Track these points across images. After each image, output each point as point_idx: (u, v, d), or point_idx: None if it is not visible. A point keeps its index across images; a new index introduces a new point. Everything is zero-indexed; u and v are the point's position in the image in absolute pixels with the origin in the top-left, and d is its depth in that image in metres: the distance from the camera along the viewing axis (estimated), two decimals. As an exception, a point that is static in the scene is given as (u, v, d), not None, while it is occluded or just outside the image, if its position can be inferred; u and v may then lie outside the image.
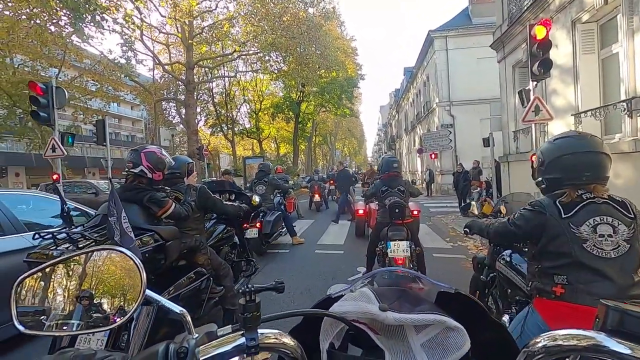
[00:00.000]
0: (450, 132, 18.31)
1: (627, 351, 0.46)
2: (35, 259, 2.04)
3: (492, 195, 9.91)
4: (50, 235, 2.11)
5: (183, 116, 19.81)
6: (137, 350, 1.97)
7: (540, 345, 0.52)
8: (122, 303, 0.60)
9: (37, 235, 2.15)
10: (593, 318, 1.17)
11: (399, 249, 3.71)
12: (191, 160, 3.41)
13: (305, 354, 0.58)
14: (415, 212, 4.61)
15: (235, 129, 27.81)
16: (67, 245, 2.07)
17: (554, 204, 1.54)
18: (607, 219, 1.45)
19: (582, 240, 1.45)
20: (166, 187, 2.78)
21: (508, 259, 2.32)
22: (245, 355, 0.52)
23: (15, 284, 0.62)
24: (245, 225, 4.58)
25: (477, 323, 0.64)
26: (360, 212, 7.18)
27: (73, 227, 2.45)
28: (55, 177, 6.45)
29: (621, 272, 1.42)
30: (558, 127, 6.74)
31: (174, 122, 25.50)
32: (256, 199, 4.16)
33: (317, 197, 12.69)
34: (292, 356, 0.56)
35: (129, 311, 0.58)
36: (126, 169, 2.60)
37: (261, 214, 5.91)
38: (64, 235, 2.12)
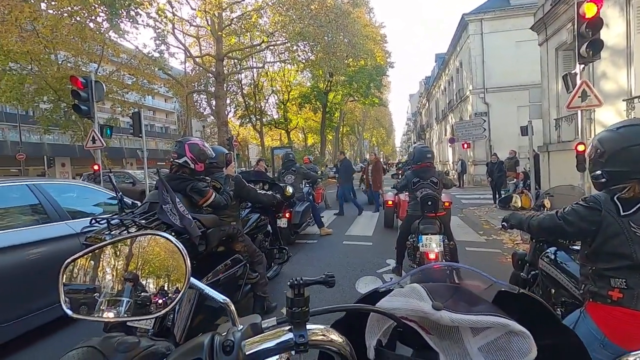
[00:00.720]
0: (485, 121, 17.51)
1: None
2: (92, 242, 2.21)
3: (529, 187, 9.41)
4: (105, 221, 2.29)
5: (213, 107, 20.25)
6: (180, 331, 2.16)
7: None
8: (166, 290, 0.59)
9: (93, 221, 2.35)
10: None
11: (431, 243, 3.54)
12: (228, 151, 3.55)
13: None
14: (447, 204, 4.45)
15: (264, 119, 28.11)
16: (120, 230, 2.23)
17: (611, 200, 1.39)
18: None
19: None
20: (207, 177, 2.90)
21: (553, 257, 2.17)
22: (293, 353, 0.50)
23: (62, 268, 0.62)
24: (276, 215, 4.70)
25: (543, 328, 0.59)
26: (390, 202, 7.27)
27: (124, 213, 2.62)
28: (96, 167, 6.80)
29: None
30: (607, 114, 6.25)
31: (204, 113, 26.13)
32: (289, 189, 4.29)
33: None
34: (340, 354, 0.53)
35: (173, 299, 0.57)
36: (171, 160, 2.76)
37: (297, 203, 6.01)
38: (117, 221, 2.28)
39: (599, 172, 1.48)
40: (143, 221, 2.32)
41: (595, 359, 1.34)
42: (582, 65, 4.96)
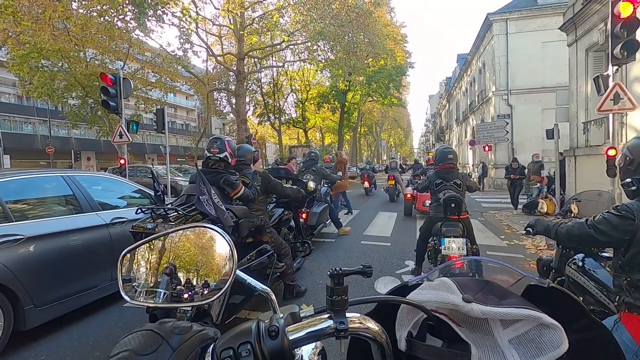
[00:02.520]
0: (507, 123, 17.07)
1: None
2: (137, 229, 2.59)
3: (553, 192, 9.14)
4: (149, 211, 2.60)
5: (233, 106, 20.55)
6: (217, 312, 2.38)
7: None
8: (212, 279, 0.63)
9: (139, 211, 2.65)
10: None
11: (453, 246, 3.44)
12: (255, 149, 3.78)
13: None
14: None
15: (282, 118, 28.30)
16: (160, 219, 2.55)
17: None
18: None
19: None
20: (236, 172, 3.18)
21: (580, 264, 2.12)
22: (335, 338, 0.52)
23: (120, 257, 0.66)
24: (299, 210, 4.87)
25: (574, 322, 0.59)
26: (409, 196, 9.05)
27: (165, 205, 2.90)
28: (122, 161, 7.01)
29: None
30: (640, 117, 6.01)
31: (224, 111, 26.51)
32: (311, 184, 4.55)
33: (366, 184, 14.57)
34: (377, 341, 0.55)
35: (221, 287, 0.61)
36: (210, 154, 3.04)
37: (314, 203, 6.00)
38: (161, 211, 2.57)
39: (629, 180, 1.48)
40: (182, 211, 2.55)
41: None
42: (616, 67, 4.78)
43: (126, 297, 0.63)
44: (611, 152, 4.70)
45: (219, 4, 16.72)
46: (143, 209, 2.64)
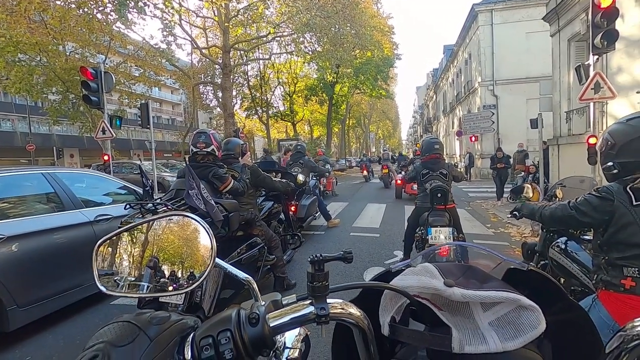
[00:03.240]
0: (493, 114, 17.32)
1: None
2: (126, 225, 2.35)
3: (538, 180, 9.33)
4: (138, 206, 2.55)
5: (220, 99, 20.25)
6: (208, 305, 2.41)
7: None
8: (193, 268, 0.62)
9: (127, 206, 2.61)
10: None
11: (440, 235, 3.51)
12: (244, 142, 3.77)
13: None
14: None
15: (270, 111, 28.08)
16: (149, 214, 2.47)
17: (623, 191, 1.43)
18: None
19: None
20: (224, 165, 3.19)
21: (563, 247, 2.20)
22: (316, 324, 0.52)
23: (95, 248, 0.65)
24: (289, 203, 4.89)
25: (552, 303, 0.60)
26: (399, 181, 10.63)
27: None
28: (106, 158, 6.86)
29: None
30: (621, 106, 6.15)
31: (211, 105, 26.17)
32: (300, 177, 4.57)
33: (365, 172, 18.33)
34: (359, 326, 0.55)
35: (199, 276, 0.60)
36: (197, 149, 3.03)
37: (302, 196, 5.99)
38: (150, 205, 2.53)
39: (610, 163, 1.52)
40: (172, 205, 2.54)
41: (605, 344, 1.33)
42: (596, 57, 4.87)
43: (102, 288, 0.62)
44: (592, 141, 4.80)
45: (202, -5, 16.34)
46: (132, 205, 2.62)
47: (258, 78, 26.04)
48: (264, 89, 26.45)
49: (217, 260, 0.61)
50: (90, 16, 11.84)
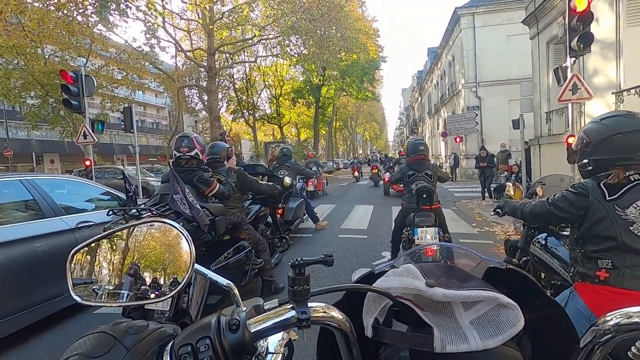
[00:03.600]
0: (477, 115, 17.67)
1: None
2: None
3: (521, 179, 9.55)
4: (122, 212, 2.50)
5: (205, 102, 20.03)
6: (195, 311, 2.36)
7: (612, 322, 0.49)
8: (172, 275, 0.61)
9: (110, 212, 2.54)
10: (633, 300, 1.02)
11: (426, 235, 3.56)
12: (229, 146, 3.77)
13: None
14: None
15: (256, 114, 27.93)
16: (135, 220, 2.37)
17: (598, 187, 1.49)
18: None
19: (629, 222, 1.40)
20: (209, 169, 3.17)
21: (543, 242, 2.26)
22: (297, 328, 0.51)
23: (69, 257, 0.63)
24: (276, 206, 4.87)
25: (530, 301, 0.62)
26: (386, 179, 11.78)
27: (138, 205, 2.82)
28: (87, 163, 6.71)
29: None
30: (597, 106, 6.35)
31: (196, 108, 25.85)
32: (287, 180, 4.59)
33: (356, 173, 19.35)
34: (341, 329, 0.55)
35: (179, 284, 0.59)
36: (180, 153, 2.99)
37: (289, 198, 5.97)
38: (134, 211, 2.47)
39: (586, 160, 1.57)
40: (157, 211, 2.49)
41: (582, 334, 1.36)
42: (573, 59, 5.03)
43: (77, 298, 0.60)
44: (571, 140, 4.94)
45: (186, -3, 16.17)
46: (115, 211, 2.55)
47: (244, 81, 25.88)
48: (250, 91, 26.31)
49: (198, 266, 0.60)
50: (70, 18, 11.58)
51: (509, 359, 0.55)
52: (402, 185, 4.19)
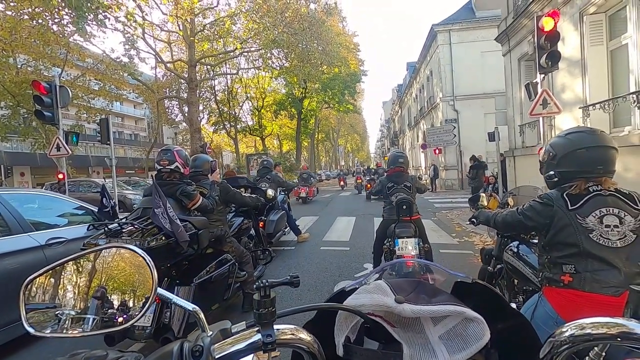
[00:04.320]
0: (454, 127, 18.18)
1: None
2: (89, 247, 2.37)
3: (497, 190, 9.83)
4: (102, 226, 2.50)
5: (186, 114, 19.81)
6: (178, 325, 2.41)
7: (567, 334, 0.51)
8: (135, 302, 0.59)
9: (91, 227, 2.59)
10: (601, 304, 1.22)
11: (407, 246, 3.61)
12: (212, 159, 3.75)
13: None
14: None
15: (238, 126, 27.80)
16: (114, 235, 2.44)
17: (561, 197, 1.60)
18: (613, 210, 1.50)
19: (589, 230, 1.51)
20: (192, 182, 3.14)
21: (515, 250, 2.37)
22: (262, 352, 0.51)
23: (24, 285, 0.60)
24: (259, 218, 4.90)
25: (495, 313, 0.63)
26: (368, 185, 14.07)
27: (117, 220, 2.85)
28: (60, 176, 6.46)
29: (627, 261, 1.46)
30: (566, 120, 6.66)
31: (176, 120, 25.53)
32: (270, 192, 4.63)
33: (342, 183, 22.33)
34: (308, 351, 0.55)
35: (141, 310, 0.57)
36: (160, 167, 2.98)
37: (270, 211, 5.94)
38: (114, 225, 2.48)
39: (552, 172, 1.69)
40: (138, 224, 2.50)
41: (549, 336, 1.46)
42: (542, 75, 5.28)
43: (29, 329, 0.57)
44: (542, 152, 5.15)
45: (167, 9, 16.09)
46: (96, 225, 2.57)
47: (226, 92, 25.80)
48: (232, 103, 26.23)
49: (162, 291, 0.59)
50: (45, 28, 11.29)
51: None
52: (382, 197, 4.26)
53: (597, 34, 5.97)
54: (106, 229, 2.48)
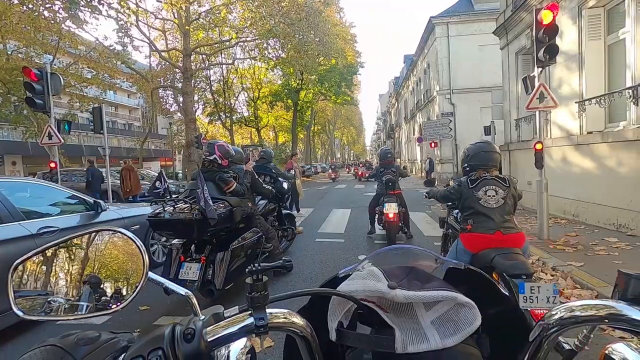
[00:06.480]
0: (451, 121, 18.18)
1: None
2: (153, 217, 3.24)
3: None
4: (162, 202, 3.34)
5: (180, 104, 19.57)
6: (220, 279, 3.24)
7: (556, 317, 0.52)
8: (126, 285, 0.59)
9: (153, 203, 3.45)
10: (484, 239, 2.52)
11: (391, 208, 5.40)
12: (247, 152, 4.49)
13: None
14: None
15: (234, 117, 27.57)
16: (171, 208, 3.27)
17: (467, 181, 2.72)
18: (493, 187, 2.61)
19: (479, 199, 2.62)
20: (230, 170, 3.85)
21: (455, 215, 3.38)
22: (254, 335, 0.52)
23: (12, 268, 0.59)
24: (280, 203, 5.60)
25: (487, 298, 0.64)
26: (360, 173, 22.88)
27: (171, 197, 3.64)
28: (52, 165, 6.37)
29: (499, 215, 2.57)
30: (562, 115, 6.68)
31: (171, 110, 25.20)
32: (284, 185, 5.47)
33: (333, 175, 24.80)
34: (301, 335, 0.56)
35: (131, 294, 0.57)
36: (204, 157, 3.80)
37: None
38: (171, 202, 3.33)
39: (466, 165, 2.83)
40: (189, 200, 3.30)
41: (461, 260, 2.50)
42: (540, 69, 5.27)
43: (18, 312, 0.57)
44: (538, 146, 5.17)
45: (161, -4, 15.78)
46: (156, 201, 3.34)
47: (221, 83, 25.50)
48: (228, 94, 25.96)
49: (153, 275, 0.59)
50: (36, 13, 11.03)
51: (467, 357, 0.57)
52: (367, 174, 6.61)
53: (595, 29, 5.96)
54: (164, 204, 3.26)
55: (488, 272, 2.07)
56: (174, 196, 3.66)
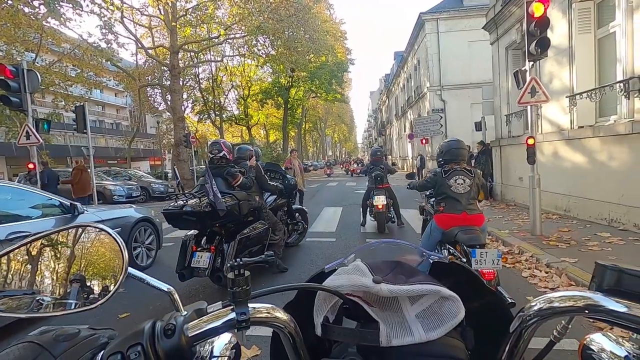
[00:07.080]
0: (441, 117, 18.16)
1: (623, 309, 0.46)
2: (168, 210, 3.57)
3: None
4: (175, 196, 3.73)
5: (169, 102, 19.21)
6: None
7: (535, 308, 0.53)
8: (106, 281, 0.59)
9: (167, 197, 4.27)
10: (452, 218, 3.11)
11: (379, 199, 6.07)
12: (252, 149, 4.85)
13: (300, 329, 0.58)
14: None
15: (223, 115, 27.24)
16: (183, 202, 3.57)
17: (441, 172, 3.20)
18: (462, 177, 3.10)
19: (450, 186, 3.09)
20: (235, 166, 4.15)
21: (432, 201, 3.63)
22: (236, 330, 0.52)
23: None
24: (289, 199, 5.76)
25: (471, 291, 0.66)
26: (352, 169, 26.70)
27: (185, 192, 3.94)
28: (31, 166, 6.12)
29: (466, 199, 3.05)
30: (552, 109, 6.64)
31: (159, 108, 24.75)
32: (292, 181, 5.61)
33: (328, 171, 27.10)
34: (285, 330, 0.56)
35: (111, 290, 0.58)
36: (212, 155, 4.04)
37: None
38: (182, 197, 3.66)
39: (440, 159, 3.29)
40: (199, 195, 3.61)
41: (434, 237, 3.14)
42: (531, 62, 5.20)
43: None
44: (530, 141, 5.11)
45: (146, -8, 15.42)
46: (171, 196, 3.85)
47: (210, 81, 25.14)
48: (217, 92, 25.62)
49: (133, 271, 0.59)
50: (16, 9, 10.64)
51: (451, 349, 0.58)
52: (364, 175, 7.15)
53: (586, 22, 5.91)
54: (177, 197, 3.63)
55: (453, 245, 3.00)
56: (187, 191, 4.03)
